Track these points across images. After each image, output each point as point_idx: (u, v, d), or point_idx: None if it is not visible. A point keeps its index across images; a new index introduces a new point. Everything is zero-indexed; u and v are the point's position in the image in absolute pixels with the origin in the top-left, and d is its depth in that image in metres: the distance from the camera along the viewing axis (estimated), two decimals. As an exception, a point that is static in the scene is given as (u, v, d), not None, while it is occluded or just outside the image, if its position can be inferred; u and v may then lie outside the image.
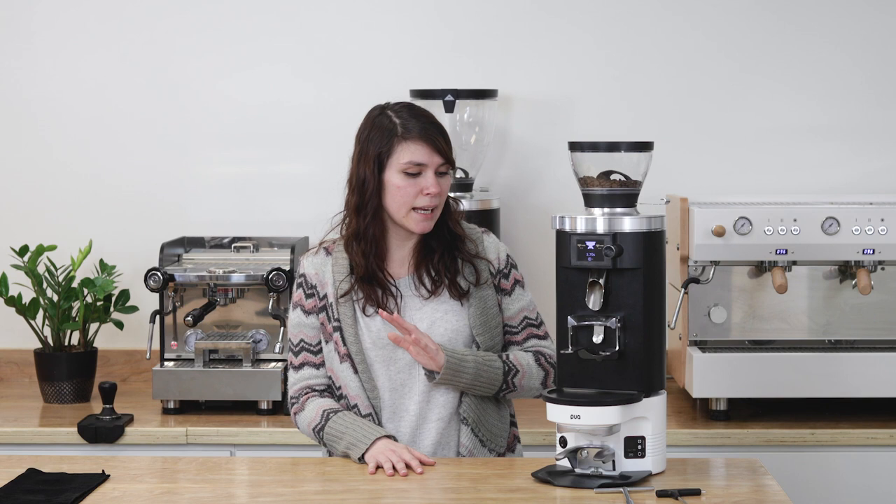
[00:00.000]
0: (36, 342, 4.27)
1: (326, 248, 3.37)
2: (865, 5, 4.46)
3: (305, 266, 3.37)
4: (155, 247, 4.21)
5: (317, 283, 3.34)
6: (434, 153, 3.25)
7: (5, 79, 4.54)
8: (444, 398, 3.28)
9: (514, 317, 3.37)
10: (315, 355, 3.34)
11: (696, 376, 3.88)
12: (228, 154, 4.53)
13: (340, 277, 3.31)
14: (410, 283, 3.31)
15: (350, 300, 3.30)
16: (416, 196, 3.24)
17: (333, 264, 3.33)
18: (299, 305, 3.35)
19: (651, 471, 3.08)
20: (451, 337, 3.28)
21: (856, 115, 4.47)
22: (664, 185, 4.21)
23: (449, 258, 3.31)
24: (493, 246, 3.38)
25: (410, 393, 3.28)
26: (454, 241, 3.32)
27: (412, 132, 3.26)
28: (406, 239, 3.32)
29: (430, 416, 3.28)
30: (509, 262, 3.38)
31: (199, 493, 2.98)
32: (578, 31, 4.48)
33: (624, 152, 3.13)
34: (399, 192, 3.25)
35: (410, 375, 3.28)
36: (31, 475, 3.09)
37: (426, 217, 3.25)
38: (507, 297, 3.36)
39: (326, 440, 3.26)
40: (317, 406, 3.30)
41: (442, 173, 3.27)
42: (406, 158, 3.25)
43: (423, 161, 3.25)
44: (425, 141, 3.25)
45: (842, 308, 3.95)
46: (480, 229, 3.39)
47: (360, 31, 4.49)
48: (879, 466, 3.81)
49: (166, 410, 4.06)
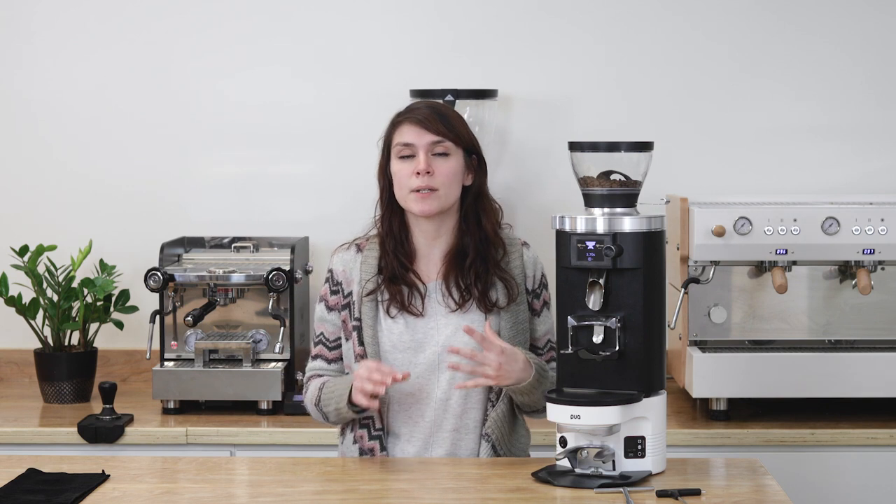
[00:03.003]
0: (36, 342, 4.27)
1: (358, 245, 3.34)
2: (865, 5, 4.46)
3: (334, 262, 3.35)
4: (155, 247, 4.21)
5: (343, 280, 3.32)
6: (424, 132, 3.23)
7: (5, 79, 4.54)
8: (461, 408, 3.26)
9: (539, 339, 3.35)
10: (330, 350, 3.34)
11: (696, 376, 3.88)
12: (228, 154, 4.53)
13: (368, 276, 3.29)
14: (438, 289, 3.28)
15: (374, 300, 3.28)
16: (409, 177, 3.22)
17: (363, 262, 3.31)
18: (324, 300, 3.35)
19: (651, 471, 3.08)
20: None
21: (856, 115, 4.47)
22: (664, 185, 4.21)
23: (482, 266, 3.26)
24: (531, 261, 3.34)
25: (427, 399, 3.26)
26: (488, 245, 3.29)
27: (404, 115, 3.27)
28: (433, 237, 3.29)
29: (444, 425, 3.26)
30: (543, 281, 3.35)
31: (199, 493, 2.98)
32: (579, 31, 4.48)
33: (624, 152, 3.14)
34: (396, 177, 3.25)
35: (428, 381, 3.26)
36: (31, 475, 3.09)
37: (423, 197, 3.21)
38: (535, 318, 3.34)
39: (323, 408, 3.25)
40: (316, 383, 3.30)
41: (440, 154, 3.24)
42: (397, 141, 3.25)
43: (412, 140, 3.23)
44: (413, 122, 3.24)
45: (842, 308, 3.95)
46: (521, 241, 3.36)
47: (360, 31, 4.49)
48: (879, 466, 3.81)
49: (166, 410, 4.06)
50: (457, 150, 3.26)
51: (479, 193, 3.31)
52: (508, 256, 3.31)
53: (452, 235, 3.29)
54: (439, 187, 3.23)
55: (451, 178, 3.25)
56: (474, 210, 3.29)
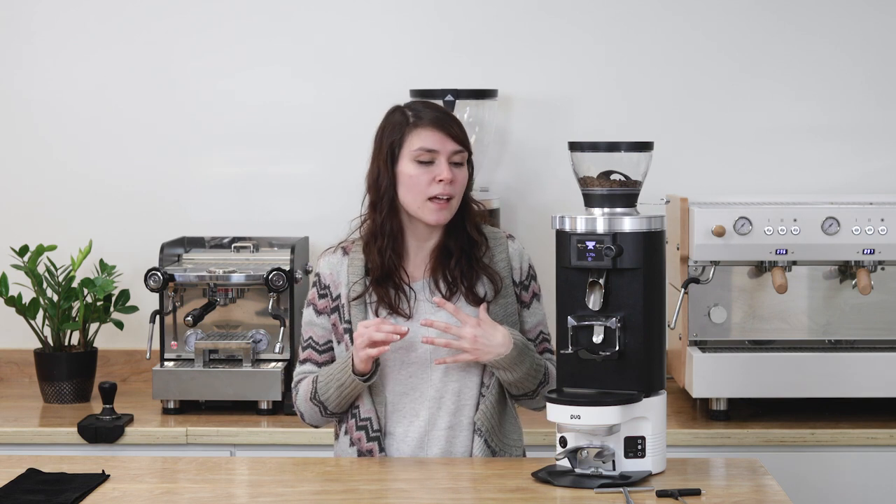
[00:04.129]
0: (36, 342, 4.27)
1: (344, 248, 3.33)
2: (865, 5, 4.46)
3: (321, 265, 3.34)
4: (155, 247, 4.21)
5: (330, 284, 3.31)
6: (447, 139, 3.21)
7: (5, 79, 4.54)
8: (455, 405, 3.25)
9: (530, 330, 3.33)
10: (319, 354, 3.33)
11: (696, 376, 3.88)
12: (228, 154, 4.54)
13: (355, 279, 3.28)
14: (426, 286, 3.28)
15: (363, 303, 3.27)
16: (429, 184, 3.19)
17: (349, 265, 3.29)
18: (312, 304, 3.34)
19: (651, 471, 3.07)
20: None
21: (856, 115, 4.47)
22: (664, 185, 4.21)
23: (466, 264, 3.26)
24: (516, 254, 3.33)
25: (421, 398, 3.26)
26: (472, 246, 3.28)
27: (423, 119, 3.22)
28: (425, 239, 3.29)
29: (439, 422, 3.25)
30: (531, 273, 3.34)
31: (199, 493, 2.98)
32: (579, 30, 4.48)
33: (624, 152, 3.13)
34: (412, 181, 3.21)
35: (422, 380, 3.26)
36: (31, 475, 3.09)
37: (441, 207, 3.20)
38: (525, 310, 3.33)
39: (321, 396, 3.24)
40: (307, 382, 3.29)
41: (457, 163, 3.23)
42: (417, 145, 3.21)
43: (435, 147, 3.20)
44: (437, 127, 3.21)
45: (842, 308, 3.95)
46: (505, 234, 3.35)
47: (361, 30, 4.49)
48: (879, 466, 3.81)
49: (166, 410, 4.06)
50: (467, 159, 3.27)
51: None
52: (492, 251, 3.30)
53: (440, 234, 3.29)
54: (455, 195, 3.22)
55: (463, 188, 3.25)
56: (460, 211, 3.29)
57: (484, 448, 3.25)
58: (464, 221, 3.28)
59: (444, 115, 3.25)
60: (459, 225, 3.28)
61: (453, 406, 3.26)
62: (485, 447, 3.25)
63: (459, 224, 3.28)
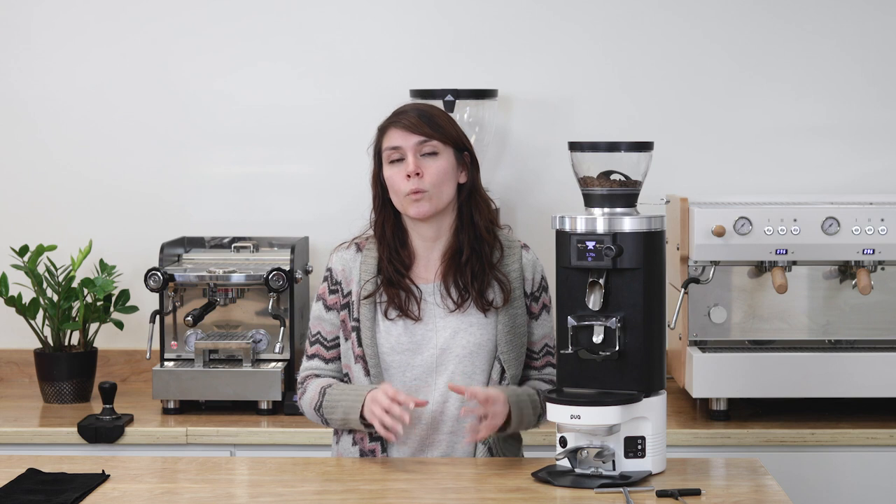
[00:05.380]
0: (36, 342, 4.27)
1: (358, 244, 3.33)
2: (865, 5, 4.46)
3: (334, 261, 3.33)
4: (155, 247, 4.21)
5: (342, 280, 3.31)
6: (408, 134, 3.22)
7: (4, 79, 4.54)
8: (457, 410, 3.25)
9: (536, 342, 3.33)
10: (327, 350, 3.32)
11: (696, 376, 3.88)
12: (228, 154, 4.53)
13: (367, 277, 3.28)
14: (436, 290, 3.28)
15: (373, 301, 3.27)
16: (403, 181, 3.21)
17: (362, 262, 3.29)
18: (322, 299, 3.33)
19: (651, 471, 3.08)
20: (472, 350, 3.23)
21: (856, 115, 4.47)
22: (664, 185, 4.21)
23: (478, 265, 3.26)
24: (530, 264, 3.32)
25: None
26: (482, 244, 3.28)
27: (390, 120, 3.26)
28: (432, 240, 3.28)
29: (441, 427, 3.26)
30: (542, 284, 3.34)
31: (199, 493, 2.98)
32: (579, 30, 4.48)
33: (624, 152, 3.13)
34: (390, 181, 3.24)
35: (426, 383, 3.26)
36: (31, 475, 3.09)
37: (416, 199, 3.21)
38: (533, 321, 3.33)
39: (326, 414, 3.24)
40: (316, 386, 3.28)
41: (429, 154, 3.23)
42: (386, 145, 3.25)
43: (398, 143, 3.22)
44: (398, 125, 3.23)
45: (842, 308, 3.95)
46: (520, 243, 3.34)
47: (361, 30, 4.49)
48: (879, 466, 3.81)
49: (166, 410, 4.06)
50: (445, 148, 3.25)
51: (471, 190, 3.31)
52: (507, 259, 3.30)
53: (450, 235, 3.29)
54: (428, 188, 3.21)
55: (441, 178, 3.23)
56: (468, 206, 3.29)
57: (486, 454, 3.26)
58: (472, 217, 3.28)
59: (416, 112, 3.25)
60: (468, 221, 3.27)
61: (456, 412, 3.25)
62: (487, 454, 3.25)
63: (468, 220, 3.27)
